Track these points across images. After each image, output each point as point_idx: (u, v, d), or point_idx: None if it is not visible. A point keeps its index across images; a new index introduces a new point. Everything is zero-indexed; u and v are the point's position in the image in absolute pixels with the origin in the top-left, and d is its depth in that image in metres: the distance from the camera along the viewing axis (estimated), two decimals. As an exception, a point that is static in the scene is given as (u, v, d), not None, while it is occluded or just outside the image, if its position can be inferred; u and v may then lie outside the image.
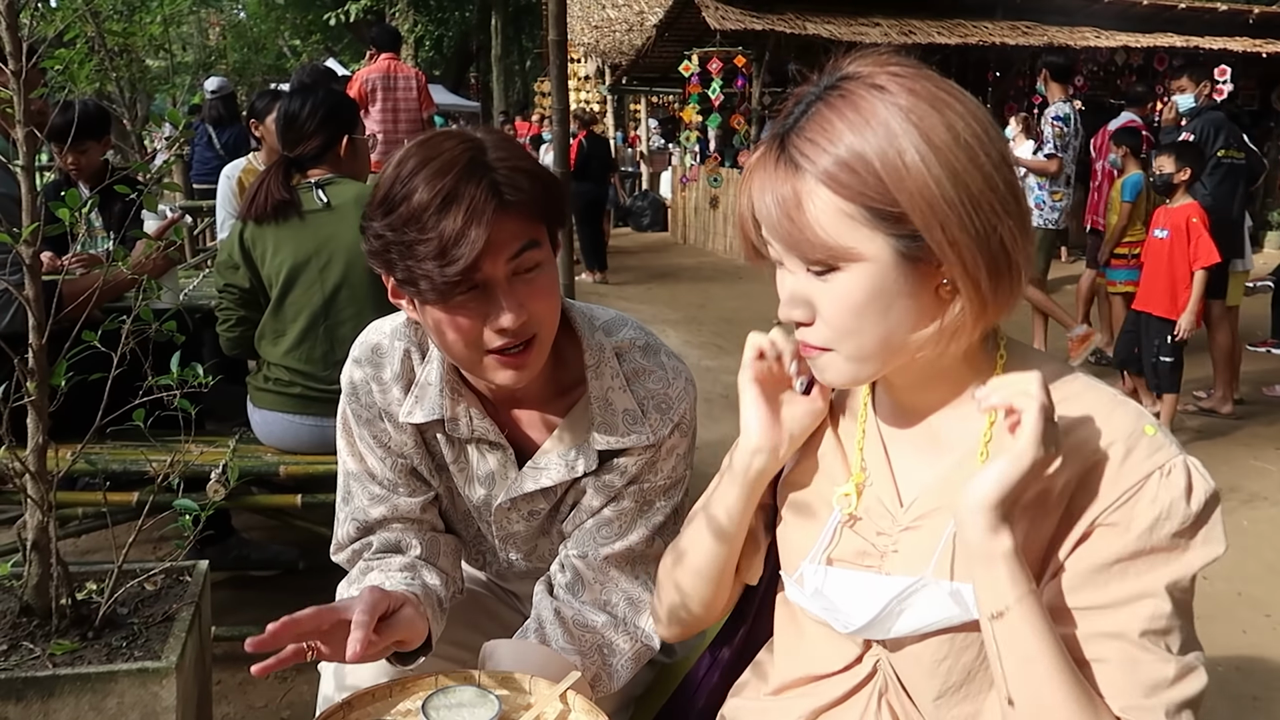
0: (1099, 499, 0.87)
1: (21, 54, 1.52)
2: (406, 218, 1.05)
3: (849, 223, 0.85)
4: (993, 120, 0.88)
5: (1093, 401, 0.91)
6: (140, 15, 6.70)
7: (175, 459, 1.71)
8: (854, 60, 0.91)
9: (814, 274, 0.88)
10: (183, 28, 12.32)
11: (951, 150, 0.83)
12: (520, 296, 1.10)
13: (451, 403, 1.26)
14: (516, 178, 1.07)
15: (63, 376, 1.57)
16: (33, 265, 1.59)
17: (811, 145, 0.86)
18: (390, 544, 1.31)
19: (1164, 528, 0.85)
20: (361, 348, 1.32)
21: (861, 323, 0.87)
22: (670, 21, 11.43)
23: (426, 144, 1.10)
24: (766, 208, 0.89)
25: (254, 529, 3.25)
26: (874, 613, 0.93)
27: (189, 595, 1.79)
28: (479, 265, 1.05)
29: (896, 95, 0.85)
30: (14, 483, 1.63)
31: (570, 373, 1.29)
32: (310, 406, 2.50)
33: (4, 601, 1.73)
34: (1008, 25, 10.76)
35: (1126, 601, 0.86)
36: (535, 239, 1.11)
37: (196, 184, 6.71)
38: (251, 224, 2.50)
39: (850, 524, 1.01)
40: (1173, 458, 0.87)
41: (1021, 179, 6.12)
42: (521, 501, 1.32)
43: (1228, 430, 4.92)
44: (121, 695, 1.55)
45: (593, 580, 1.29)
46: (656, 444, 1.27)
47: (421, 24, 19.44)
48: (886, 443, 1.03)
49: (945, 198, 0.82)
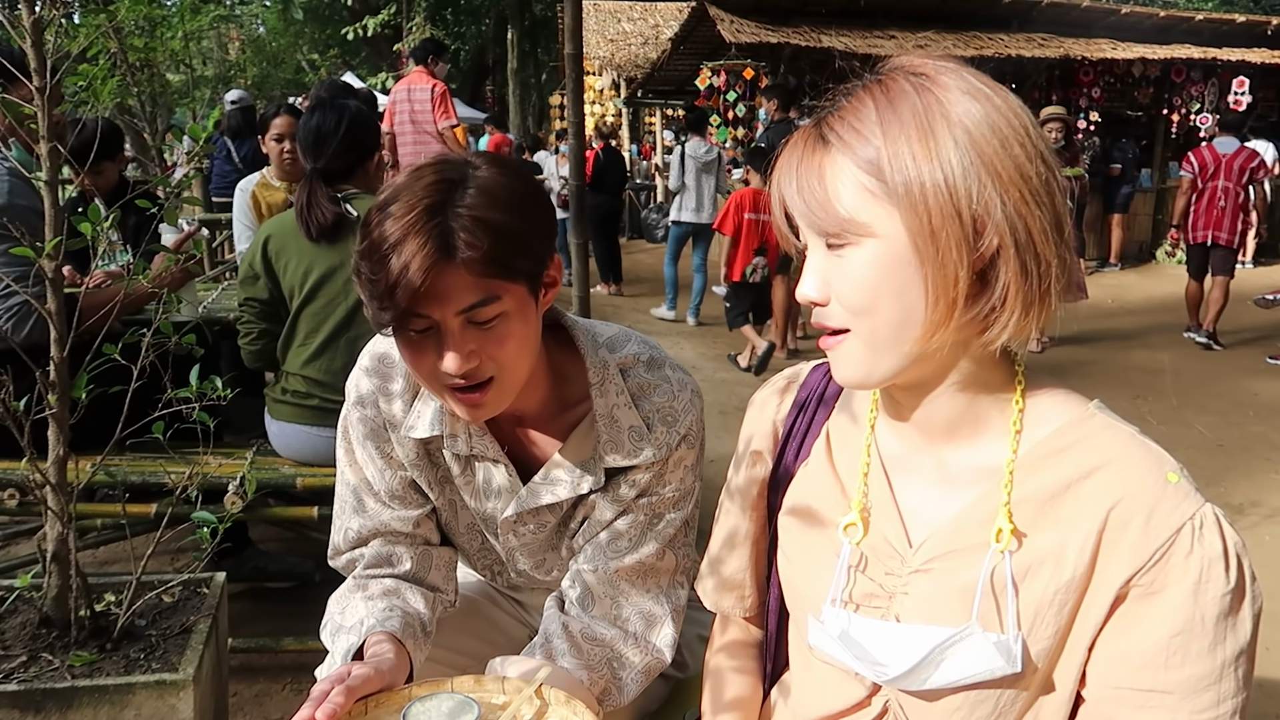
0: (1131, 558, 0.84)
1: (46, 70, 1.54)
2: (367, 250, 1.06)
3: (867, 196, 0.84)
4: (1034, 120, 0.86)
5: (1110, 443, 0.88)
6: (161, 31, 6.77)
7: (194, 471, 1.72)
8: (895, 57, 0.92)
9: (831, 250, 0.88)
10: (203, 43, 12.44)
11: (985, 137, 0.82)
12: (472, 343, 1.09)
13: (451, 419, 1.26)
14: (476, 230, 1.04)
15: (83, 389, 1.58)
16: (55, 279, 1.60)
17: (842, 123, 0.86)
18: (381, 558, 1.32)
19: (1209, 591, 0.82)
20: (371, 357, 1.32)
21: (876, 301, 0.85)
22: (685, 35, 11.48)
23: (414, 175, 1.10)
24: (790, 180, 0.89)
25: (270, 541, 3.25)
26: (914, 661, 0.89)
27: (206, 607, 1.80)
28: (419, 311, 1.05)
29: (934, 82, 0.85)
30: (35, 494, 1.65)
31: (574, 390, 1.29)
32: (327, 418, 2.51)
33: (24, 613, 1.74)
34: (1024, 37, 10.74)
35: (1194, 689, 0.83)
36: (493, 294, 1.08)
37: (215, 197, 6.76)
38: (276, 235, 2.52)
39: (861, 566, 0.98)
40: (1200, 508, 0.84)
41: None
42: (528, 516, 1.32)
43: (1249, 445, 4.88)
44: (139, 707, 1.56)
45: (603, 594, 1.29)
46: (665, 456, 1.27)
47: (438, 38, 19.57)
48: (891, 476, 0.99)
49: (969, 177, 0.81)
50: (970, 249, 0.82)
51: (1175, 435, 4.77)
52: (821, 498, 1.05)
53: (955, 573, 0.90)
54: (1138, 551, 0.83)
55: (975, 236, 0.82)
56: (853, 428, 1.05)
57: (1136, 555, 0.83)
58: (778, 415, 1.15)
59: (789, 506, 1.09)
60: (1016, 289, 0.83)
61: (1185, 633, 0.83)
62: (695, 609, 1.46)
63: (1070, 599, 0.86)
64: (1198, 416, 5.26)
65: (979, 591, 0.88)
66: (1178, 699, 0.83)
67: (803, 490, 1.08)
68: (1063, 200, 0.85)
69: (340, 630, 1.21)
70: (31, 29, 1.52)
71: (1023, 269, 0.83)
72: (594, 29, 15.46)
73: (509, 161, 1.18)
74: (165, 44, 6.34)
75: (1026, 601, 0.87)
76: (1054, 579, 0.86)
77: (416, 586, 1.30)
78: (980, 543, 0.89)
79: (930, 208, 0.82)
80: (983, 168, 0.81)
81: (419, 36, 19.13)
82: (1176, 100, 11.35)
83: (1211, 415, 5.31)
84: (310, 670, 2.58)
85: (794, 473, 1.11)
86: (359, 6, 20.07)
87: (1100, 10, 11.47)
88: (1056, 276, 0.84)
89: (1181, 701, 0.83)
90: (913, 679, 0.90)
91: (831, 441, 1.07)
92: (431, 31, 19.23)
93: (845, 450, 1.05)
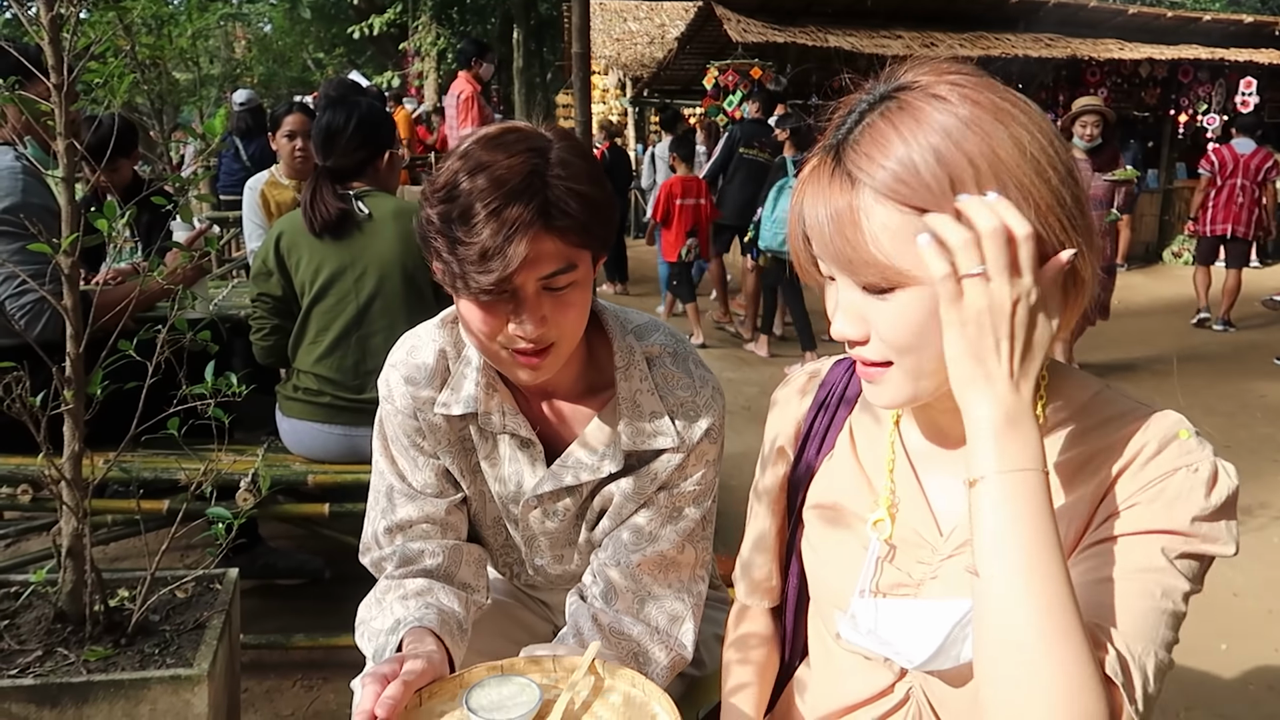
0: (1130, 485, 0.86)
1: (63, 68, 1.55)
2: (456, 215, 1.06)
3: (908, 244, 0.80)
4: (1058, 132, 0.84)
5: (1130, 413, 0.90)
6: (169, 29, 6.78)
7: (208, 468, 1.73)
8: (910, 69, 0.87)
9: (869, 291, 0.85)
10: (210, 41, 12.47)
11: (1018, 164, 0.80)
12: (546, 309, 1.12)
13: (486, 397, 1.28)
14: (569, 200, 1.07)
15: (99, 385, 1.59)
16: (71, 275, 1.61)
17: (868, 159, 0.82)
18: (411, 555, 1.31)
19: (1180, 509, 0.84)
20: (398, 351, 1.34)
21: (922, 339, 0.84)
22: (692, 34, 11.48)
23: (495, 142, 1.09)
24: (819, 223, 0.85)
25: (279, 538, 3.26)
26: (937, 643, 0.89)
27: (219, 603, 1.80)
28: (510, 278, 1.07)
29: (957, 105, 0.81)
30: (50, 489, 1.65)
31: (602, 374, 1.30)
32: (339, 416, 2.52)
33: (39, 608, 1.75)
34: (1030, 38, 10.72)
35: (1137, 570, 0.83)
36: (573, 262, 1.11)
37: (223, 195, 6.78)
38: (288, 232, 2.53)
39: (889, 558, 0.98)
40: (1204, 458, 0.86)
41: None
42: (547, 499, 1.33)
43: (1257, 446, 4.87)
44: (154, 702, 1.56)
45: (625, 589, 1.30)
46: (685, 450, 1.28)
47: (444, 37, 19.56)
48: (918, 469, 1.00)
49: (1019, 210, 0.78)
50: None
51: (1183, 436, 4.74)
52: (847, 492, 1.05)
53: None
54: (1137, 480, 0.86)
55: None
56: (876, 424, 1.06)
57: (1135, 483, 0.86)
58: (799, 413, 1.15)
59: (814, 501, 1.10)
60: (1061, 301, 0.83)
61: (1147, 529, 0.84)
62: (712, 607, 1.46)
63: (1072, 540, 0.88)
64: (1205, 418, 5.25)
65: None
66: (1123, 554, 0.84)
67: (828, 485, 1.08)
68: (1092, 214, 0.84)
69: (379, 634, 1.20)
70: (49, 26, 1.53)
71: (1063, 292, 0.83)
72: (600, 28, 15.47)
73: (572, 133, 1.19)
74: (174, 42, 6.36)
75: None
76: (1069, 530, 0.88)
77: (448, 586, 1.30)
78: None
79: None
80: (1022, 200, 0.79)
81: (425, 35, 19.16)
82: (1183, 101, 11.32)
83: (1219, 416, 5.31)
84: (321, 666, 2.61)
85: (816, 468, 1.11)
86: (365, 5, 20.10)
87: (1107, 10, 11.44)
88: (1089, 289, 0.84)
89: (1127, 554, 0.84)
90: (944, 658, 0.90)
91: (855, 436, 1.08)
92: (438, 30, 19.25)
93: (870, 445, 1.06)
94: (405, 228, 2.52)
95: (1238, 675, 2.76)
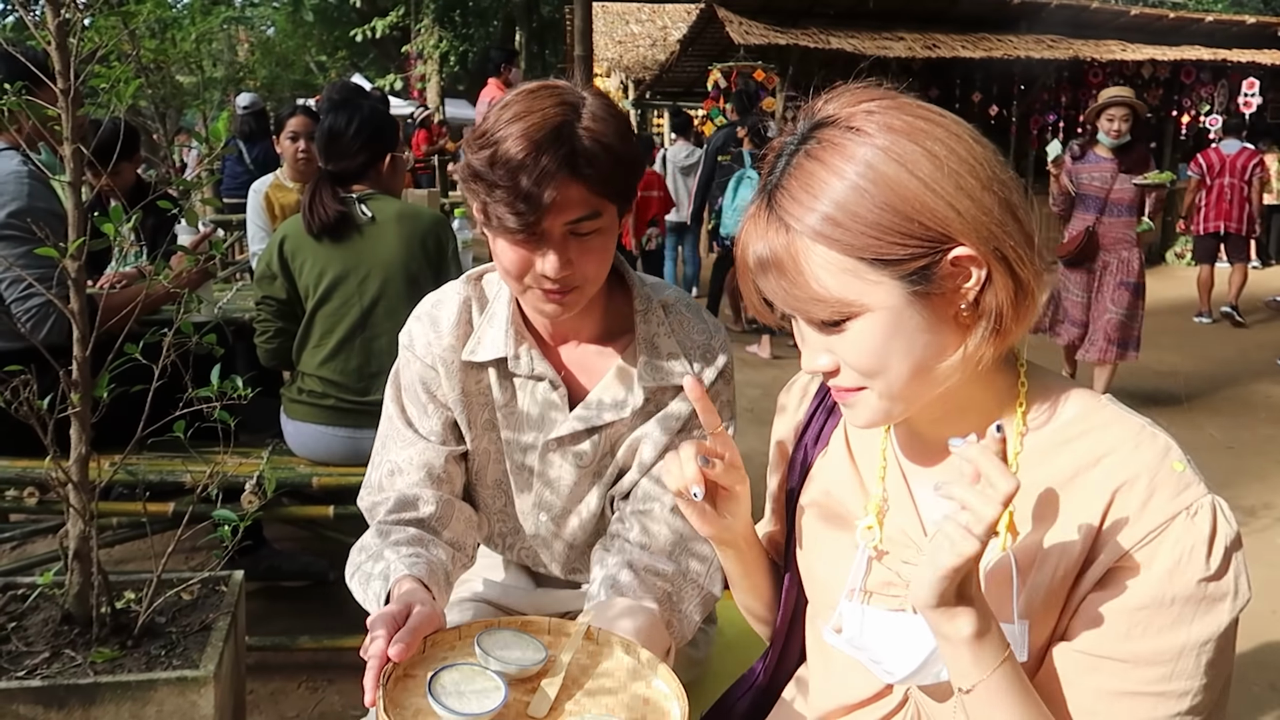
0: (1124, 536, 0.85)
1: (70, 72, 1.56)
2: (494, 160, 1.16)
3: (849, 277, 0.83)
4: (978, 137, 0.86)
5: (1120, 433, 0.89)
6: (173, 32, 6.82)
7: (214, 470, 1.73)
8: (829, 100, 0.90)
9: (828, 326, 0.87)
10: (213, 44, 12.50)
11: (938, 181, 0.82)
12: (570, 253, 1.22)
13: (515, 343, 1.36)
14: (596, 151, 1.17)
15: (105, 388, 1.60)
16: (78, 279, 1.62)
17: (796, 204, 0.85)
18: (405, 501, 1.35)
19: (1186, 574, 0.83)
20: (423, 305, 1.44)
21: (886, 363, 0.86)
22: (694, 36, 11.48)
23: (532, 95, 1.20)
24: (763, 269, 0.88)
25: (284, 540, 3.27)
26: (920, 659, 0.90)
27: (225, 605, 1.81)
28: (540, 220, 1.17)
29: (874, 136, 0.84)
30: (57, 492, 1.66)
31: (621, 322, 1.40)
32: (343, 418, 2.53)
33: (46, 610, 1.76)
34: (1033, 39, 10.71)
35: (1149, 661, 0.84)
36: (598, 210, 1.21)
37: (226, 198, 6.80)
38: (292, 235, 2.54)
39: (879, 558, 1.00)
40: (1200, 498, 0.85)
41: None
42: (568, 440, 1.39)
43: (1260, 447, 4.86)
44: (161, 703, 1.57)
45: (656, 532, 1.36)
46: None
47: (446, 40, 19.60)
48: (907, 474, 1.01)
49: (941, 228, 0.82)
50: (958, 289, 0.84)
51: (1186, 437, 4.65)
52: (842, 489, 1.07)
53: None
54: (1132, 532, 0.85)
55: (958, 276, 0.84)
56: (869, 430, 1.07)
57: (1131, 535, 0.85)
58: (800, 413, 1.17)
59: (809, 498, 1.11)
60: (1009, 304, 0.85)
61: (1151, 608, 0.84)
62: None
63: (1071, 580, 0.88)
64: (1209, 419, 5.25)
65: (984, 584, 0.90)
66: (1129, 668, 0.84)
67: (823, 482, 1.10)
68: (1026, 210, 0.85)
69: (371, 578, 1.24)
70: (56, 32, 1.54)
71: (1011, 284, 0.85)
72: (602, 31, 15.47)
73: (606, 94, 1.28)
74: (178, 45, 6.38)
75: (1034, 588, 0.89)
76: (1059, 565, 0.88)
77: (437, 539, 1.35)
78: None
79: (916, 264, 0.82)
80: (949, 211, 0.82)
81: (427, 38, 19.21)
82: (1186, 102, 11.31)
83: (1223, 417, 5.30)
84: (325, 668, 2.62)
85: (812, 466, 1.13)
86: (367, 9, 20.16)
87: (1110, 11, 11.44)
88: (1036, 289, 0.86)
89: (1132, 670, 0.84)
90: (924, 674, 0.91)
91: (850, 436, 1.09)
92: (440, 33, 19.30)
93: (864, 446, 1.07)
94: (408, 230, 2.53)
95: (1241, 676, 2.76)
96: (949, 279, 0.83)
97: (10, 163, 2.38)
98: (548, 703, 1.00)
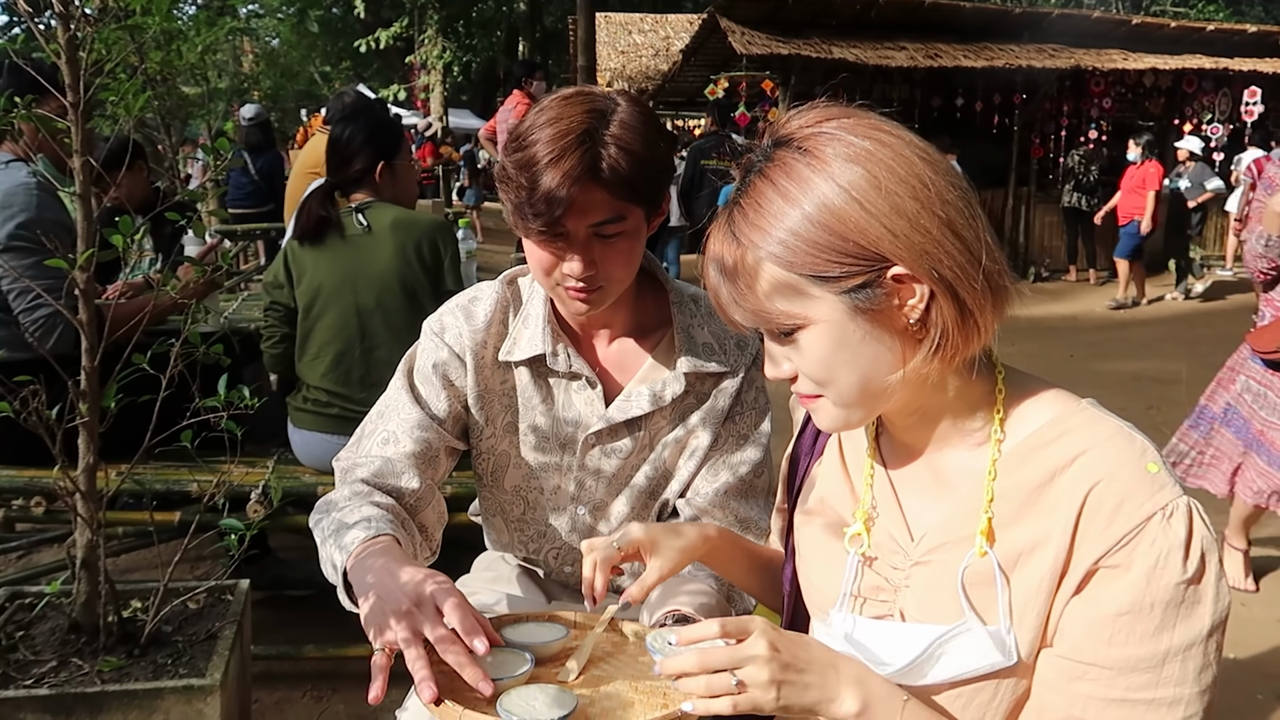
0: (1101, 540, 0.86)
1: (80, 85, 1.57)
2: (523, 162, 1.21)
3: (793, 292, 0.88)
4: (929, 156, 0.89)
5: (1095, 434, 0.90)
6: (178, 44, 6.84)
7: (220, 479, 1.74)
8: (790, 118, 0.94)
9: (780, 336, 0.92)
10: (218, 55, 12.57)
11: (873, 203, 0.85)
12: (594, 254, 1.26)
13: (552, 340, 1.40)
14: (620, 157, 1.20)
15: (113, 398, 1.61)
16: (87, 290, 1.63)
17: (746, 221, 0.90)
18: (388, 467, 1.35)
19: (1164, 577, 0.83)
20: (460, 298, 1.47)
21: (834, 373, 0.91)
22: (696, 46, 11.54)
23: (566, 101, 1.25)
24: (721, 280, 0.93)
25: (289, 549, 3.28)
26: (911, 656, 0.92)
27: (231, 614, 1.82)
28: (563, 221, 1.21)
29: (822, 159, 0.87)
30: (64, 501, 1.67)
31: (654, 317, 1.45)
32: (349, 427, 2.51)
33: (53, 618, 1.76)
34: (1034, 48, 10.73)
35: (1134, 668, 0.84)
36: (622, 214, 1.25)
37: (232, 208, 6.83)
38: (296, 244, 2.57)
39: (868, 563, 1.02)
40: (1175, 499, 0.85)
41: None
42: (606, 435, 1.43)
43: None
44: (167, 712, 1.58)
45: (716, 510, 1.43)
46: (739, 374, 1.43)
47: (450, 50, 19.67)
48: (893, 480, 1.04)
49: (875, 248, 0.85)
50: (902, 305, 0.87)
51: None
52: (834, 495, 1.09)
53: (950, 565, 0.93)
54: (1108, 534, 0.86)
55: (902, 293, 0.87)
56: (860, 436, 1.09)
57: (1107, 537, 0.86)
58: (797, 425, 1.22)
59: (804, 505, 1.14)
60: (954, 322, 0.87)
61: (1132, 614, 0.84)
62: None
63: (1053, 584, 0.89)
64: (1212, 427, 5.23)
65: (962, 588, 0.92)
66: (1113, 674, 0.85)
67: (817, 488, 1.12)
68: (972, 230, 0.87)
69: (344, 526, 1.22)
70: (66, 46, 1.55)
71: (953, 303, 0.87)
72: (605, 41, 15.55)
73: (643, 101, 1.32)
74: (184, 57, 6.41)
75: (1017, 591, 0.90)
76: (1039, 566, 0.89)
77: (411, 521, 1.34)
78: (969, 535, 0.93)
79: (856, 279, 0.86)
80: (881, 231, 0.85)
81: (430, 49, 19.28)
82: (1188, 110, 11.33)
83: (1226, 425, 5.29)
84: (330, 677, 2.62)
85: (808, 473, 1.16)
86: (371, 19, 20.25)
87: (1111, 21, 11.48)
88: (985, 305, 0.88)
89: (1117, 677, 0.85)
90: (913, 674, 0.93)
91: (843, 442, 1.12)
92: (443, 44, 19.37)
93: (855, 452, 1.10)
94: (402, 239, 2.55)
95: (1246, 683, 2.76)
96: (890, 296, 0.87)
97: (19, 174, 2.40)
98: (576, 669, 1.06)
